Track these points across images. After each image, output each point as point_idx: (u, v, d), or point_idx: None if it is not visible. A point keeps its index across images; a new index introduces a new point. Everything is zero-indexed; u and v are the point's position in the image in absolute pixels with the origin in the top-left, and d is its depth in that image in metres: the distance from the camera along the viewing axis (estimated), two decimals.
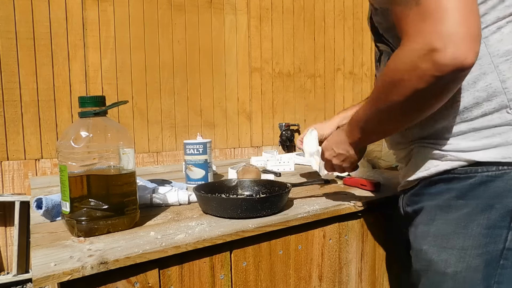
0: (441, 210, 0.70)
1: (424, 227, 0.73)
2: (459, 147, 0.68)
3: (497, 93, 0.64)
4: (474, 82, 0.66)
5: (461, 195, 0.68)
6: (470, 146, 0.67)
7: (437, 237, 0.70)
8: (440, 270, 0.69)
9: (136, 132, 1.87)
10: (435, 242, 0.70)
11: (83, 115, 0.75)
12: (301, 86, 2.37)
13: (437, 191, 0.72)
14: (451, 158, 0.69)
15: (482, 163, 0.66)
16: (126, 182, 0.77)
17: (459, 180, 0.68)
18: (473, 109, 0.66)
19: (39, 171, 1.67)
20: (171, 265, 0.70)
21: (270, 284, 0.83)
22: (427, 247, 0.71)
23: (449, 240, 0.69)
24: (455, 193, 0.69)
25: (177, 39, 1.95)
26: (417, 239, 0.74)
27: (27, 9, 1.62)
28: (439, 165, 0.71)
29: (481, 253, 0.66)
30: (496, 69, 0.64)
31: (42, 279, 0.56)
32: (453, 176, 0.69)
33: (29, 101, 1.64)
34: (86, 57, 1.74)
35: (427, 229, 0.72)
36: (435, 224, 0.71)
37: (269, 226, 0.80)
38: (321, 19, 2.43)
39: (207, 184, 1.02)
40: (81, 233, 0.71)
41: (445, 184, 0.70)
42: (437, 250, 0.70)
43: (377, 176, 1.26)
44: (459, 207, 0.68)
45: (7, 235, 1.66)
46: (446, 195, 0.70)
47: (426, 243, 0.72)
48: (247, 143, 2.19)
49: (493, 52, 0.64)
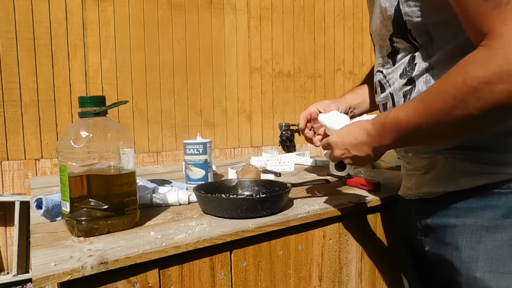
0: (487, 230, 0.65)
1: (470, 251, 0.67)
2: (498, 159, 0.64)
3: None
4: None
5: (508, 214, 0.63)
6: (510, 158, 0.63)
7: (491, 261, 0.65)
8: None
9: (136, 132, 1.87)
10: (489, 268, 0.65)
11: (83, 115, 0.75)
12: (301, 86, 2.37)
13: (470, 207, 0.67)
14: (490, 171, 0.64)
15: None
16: (126, 182, 0.77)
17: (499, 196, 0.63)
18: None
19: (39, 171, 1.67)
20: (171, 265, 0.70)
21: (270, 284, 0.83)
22: (481, 274, 0.65)
23: (505, 264, 0.64)
24: (500, 211, 0.63)
25: (177, 39, 1.95)
26: (465, 264, 0.68)
27: (27, 9, 1.62)
28: (475, 179, 0.66)
29: None
30: None
31: (42, 279, 0.56)
32: (492, 192, 0.64)
33: (29, 101, 1.64)
34: (86, 57, 1.74)
35: (474, 254, 0.66)
36: (483, 247, 0.65)
37: (269, 226, 0.80)
38: (321, 19, 2.43)
39: (207, 184, 1.02)
40: (81, 233, 0.71)
41: (482, 200, 0.65)
42: (494, 277, 0.64)
43: (377, 176, 1.27)
44: (507, 226, 0.63)
45: (7, 235, 1.66)
46: (489, 213, 0.65)
47: (478, 269, 0.66)
48: (247, 143, 2.19)
49: None
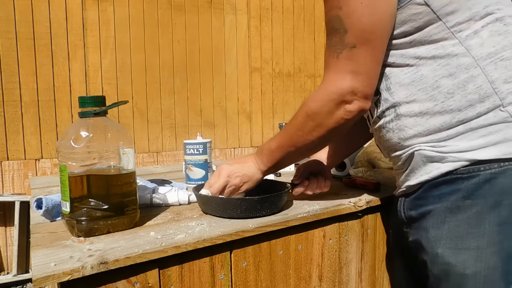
0: (451, 211, 0.71)
1: (435, 230, 0.73)
2: (459, 147, 0.69)
3: (488, 94, 0.67)
4: (463, 86, 0.68)
5: (468, 195, 0.68)
6: (469, 146, 0.68)
7: (451, 239, 0.70)
8: (459, 272, 0.69)
9: (136, 132, 1.87)
10: (449, 244, 0.70)
11: (83, 115, 0.75)
12: (301, 86, 2.37)
13: (441, 193, 0.72)
14: (452, 159, 0.70)
15: (484, 161, 0.67)
16: (126, 182, 0.77)
17: (462, 180, 0.69)
18: (468, 111, 0.68)
19: (39, 171, 1.67)
20: (171, 265, 0.70)
21: (270, 284, 0.83)
22: (442, 250, 0.71)
23: (463, 241, 0.69)
24: (461, 193, 0.69)
25: (177, 39, 1.95)
26: (430, 243, 0.74)
27: (27, 9, 1.62)
28: (440, 167, 0.71)
29: (497, 251, 0.66)
30: (483, 71, 0.67)
31: (42, 279, 0.56)
32: (456, 177, 0.70)
33: (29, 101, 1.64)
34: (86, 57, 1.74)
35: (439, 232, 0.72)
36: (446, 227, 0.71)
37: (269, 226, 0.80)
38: (321, 19, 2.43)
39: None
40: (81, 233, 0.71)
41: (449, 185, 0.71)
42: (453, 253, 0.70)
43: (377, 176, 1.27)
44: (467, 207, 0.69)
45: (7, 235, 1.66)
46: (453, 197, 0.70)
47: (440, 246, 0.72)
48: (247, 143, 2.19)
49: (476, 56, 0.68)
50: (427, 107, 0.72)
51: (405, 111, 0.74)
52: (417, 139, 0.75)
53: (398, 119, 0.76)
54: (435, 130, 0.72)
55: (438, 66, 0.70)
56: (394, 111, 0.76)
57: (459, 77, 0.69)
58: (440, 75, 0.70)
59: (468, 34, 0.68)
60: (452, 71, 0.69)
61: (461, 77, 0.69)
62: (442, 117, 0.71)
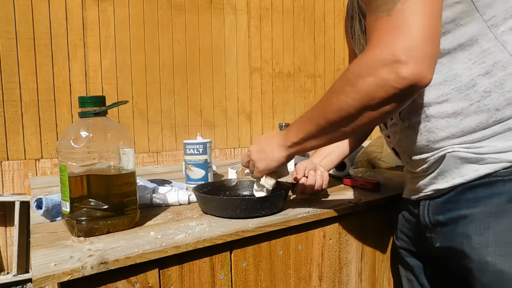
0: (495, 216, 0.67)
1: (479, 237, 0.69)
2: (497, 148, 0.66)
3: None
4: (501, 84, 0.66)
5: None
6: (508, 146, 0.66)
7: (500, 245, 0.67)
8: None
9: (136, 132, 1.87)
10: (499, 251, 0.67)
11: (83, 115, 0.75)
12: (301, 86, 2.37)
13: (478, 197, 0.69)
14: (492, 161, 0.67)
15: None
16: (126, 182, 0.77)
17: (504, 183, 0.66)
18: (506, 110, 0.66)
19: (39, 171, 1.67)
20: (171, 265, 0.70)
21: (270, 284, 0.83)
22: (493, 258, 0.67)
23: None
24: (505, 197, 0.66)
25: (177, 39, 1.95)
26: (475, 250, 0.69)
27: (27, 9, 1.62)
28: (478, 169, 0.68)
29: None
30: None
31: (42, 279, 0.56)
32: (496, 179, 0.67)
33: (29, 101, 1.64)
34: (86, 57, 1.74)
35: (484, 239, 0.68)
36: (491, 232, 0.67)
37: (269, 226, 0.80)
38: (321, 19, 2.43)
39: (207, 184, 1.02)
40: (81, 233, 0.71)
41: (488, 188, 0.68)
42: (505, 259, 0.66)
43: (377, 176, 1.27)
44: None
45: (7, 235, 1.66)
46: (494, 200, 0.67)
47: (489, 254, 0.68)
48: (247, 143, 2.19)
49: None
50: (461, 107, 0.68)
51: (436, 112, 0.71)
52: (449, 141, 0.71)
53: (428, 120, 0.72)
54: (470, 131, 0.69)
55: (473, 65, 0.67)
56: (423, 113, 0.72)
57: (496, 75, 0.65)
58: (475, 73, 0.67)
59: (504, 30, 0.65)
60: (488, 69, 0.66)
61: (498, 75, 0.65)
62: (478, 117, 0.67)
